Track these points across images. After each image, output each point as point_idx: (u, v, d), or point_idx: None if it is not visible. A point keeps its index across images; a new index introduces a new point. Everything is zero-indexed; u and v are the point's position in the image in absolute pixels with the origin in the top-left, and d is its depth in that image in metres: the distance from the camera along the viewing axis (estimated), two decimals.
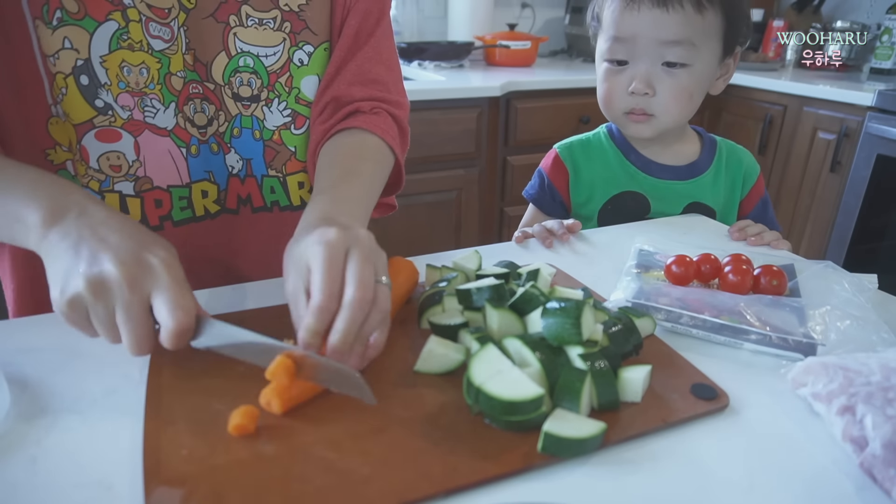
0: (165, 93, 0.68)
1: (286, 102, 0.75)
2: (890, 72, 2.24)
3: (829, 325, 0.57)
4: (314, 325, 0.46)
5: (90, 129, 0.66)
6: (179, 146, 0.71)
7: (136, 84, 0.66)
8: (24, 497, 0.39)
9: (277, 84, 0.74)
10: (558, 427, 0.42)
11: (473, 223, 2.11)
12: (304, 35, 0.74)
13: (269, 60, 0.73)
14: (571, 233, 0.84)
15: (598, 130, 1.03)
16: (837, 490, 0.42)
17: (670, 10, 0.83)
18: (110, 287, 0.46)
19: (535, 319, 0.52)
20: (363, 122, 0.74)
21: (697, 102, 0.91)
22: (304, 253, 0.50)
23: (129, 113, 0.67)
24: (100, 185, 0.69)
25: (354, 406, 0.47)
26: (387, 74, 0.79)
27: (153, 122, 0.68)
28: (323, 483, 0.39)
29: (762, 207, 1.02)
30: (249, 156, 0.76)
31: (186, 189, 0.73)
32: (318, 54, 0.75)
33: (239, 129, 0.74)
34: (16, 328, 0.58)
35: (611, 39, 0.88)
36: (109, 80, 0.65)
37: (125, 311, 0.46)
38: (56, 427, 0.45)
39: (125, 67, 0.65)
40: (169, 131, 0.70)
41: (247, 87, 0.72)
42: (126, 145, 0.68)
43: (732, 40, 0.89)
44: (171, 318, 0.45)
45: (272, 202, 0.79)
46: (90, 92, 0.64)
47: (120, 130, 0.67)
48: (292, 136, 0.77)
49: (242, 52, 0.71)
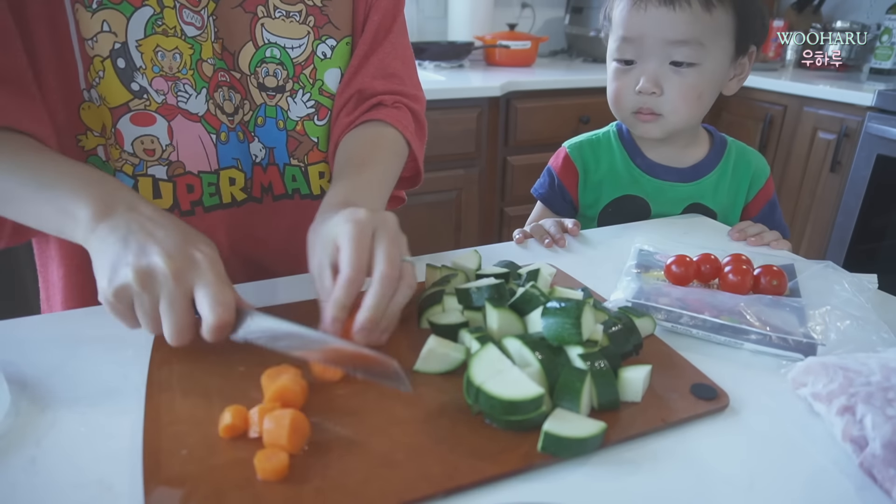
0: (197, 78, 0.69)
1: (310, 94, 0.77)
2: (890, 72, 2.24)
3: (829, 325, 0.57)
4: (342, 298, 0.49)
5: (126, 113, 0.67)
6: (210, 132, 0.72)
7: (170, 69, 0.67)
8: (24, 497, 0.39)
9: (302, 76, 0.75)
10: (558, 427, 0.42)
11: (473, 223, 2.12)
12: (327, 29, 0.76)
13: (294, 52, 0.74)
14: (572, 235, 0.84)
15: (607, 129, 1.02)
16: (837, 490, 0.42)
17: (677, 8, 0.82)
18: (157, 278, 0.48)
19: (535, 319, 0.52)
20: (384, 115, 0.77)
21: (708, 103, 0.90)
22: (332, 231, 0.52)
23: (163, 97, 0.68)
24: (133, 170, 0.69)
25: (354, 406, 0.47)
26: (403, 69, 0.82)
27: (185, 107, 0.69)
28: (323, 483, 0.39)
29: (769, 210, 1.01)
30: (272, 144, 0.77)
31: (215, 175, 0.74)
32: (340, 48, 0.77)
33: (263, 118, 0.75)
34: (16, 328, 0.58)
35: (619, 39, 0.88)
36: (144, 64, 0.66)
37: (169, 303, 0.48)
38: (56, 427, 0.45)
39: (159, 52, 0.66)
40: (200, 117, 0.71)
41: (272, 77, 0.74)
42: (160, 129, 0.69)
43: (746, 39, 0.88)
44: (213, 314, 0.47)
45: (293, 190, 0.80)
46: (126, 75, 0.66)
47: (154, 114, 0.68)
48: (315, 126, 0.78)
49: (269, 44, 0.72)
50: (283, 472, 0.40)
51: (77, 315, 0.62)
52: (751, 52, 0.90)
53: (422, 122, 0.84)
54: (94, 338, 0.57)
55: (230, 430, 0.43)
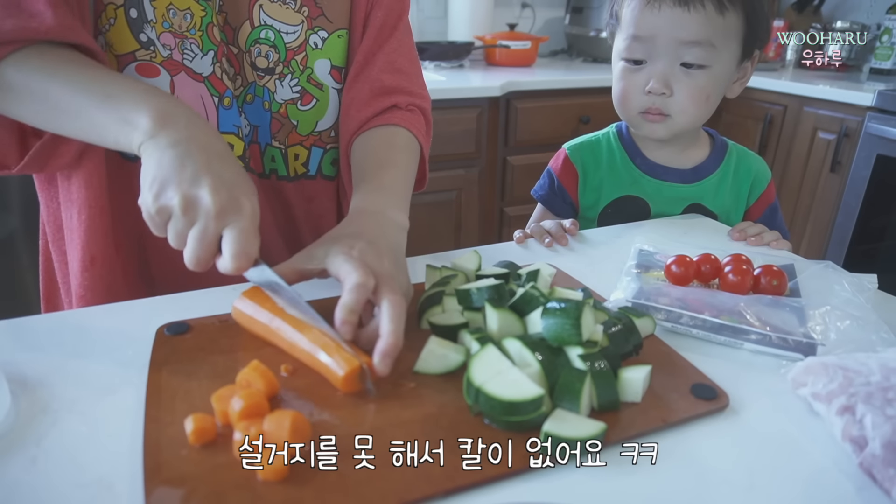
0: (205, 40, 0.70)
1: (298, 80, 0.78)
2: (890, 72, 2.24)
3: (829, 325, 0.57)
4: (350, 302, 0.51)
5: (132, 62, 0.68)
6: (213, 94, 0.73)
7: (179, 27, 0.68)
8: (24, 497, 0.39)
9: (293, 61, 0.77)
10: (558, 427, 0.42)
11: (473, 223, 2.12)
12: (320, 21, 0.77)
13: (288, 38, 0.76)
14: (570, 235, 0.84)
15: (606, 131, 1.02)
16: (837, 490, 0.42)
17: (691, 9, 0.82)
18: (199, 210, 0.51)
19: (534, 320, 0.52)
20: (400, 119, 0.79)
21: (714, 105, 0.90)
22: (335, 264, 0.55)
23: (168, 52, 0.69)
24: None
25: (354, 406, 0.47)
26: (410, 67, 0.84)
27: (190, 65, 0.70)
28: (323, 483, 0.39)
29: (770, 215, 1.01)
30: (257, 123, 0.78)
31: None
32: (331, 40, 0.79)
33: (252, 96, 0.77)
34: (16, 328, 0.58)
35: (629, 38, 0.87)
36: (155, 18, 0.67)
37: (200, 235, 0.50)
38: (56, 427, 0.45)
39: (171, 10, 0.68)
40: (204, 78, 0.71)
41: (263, 58, 0.75)
42: (163, 82, 0.70)
43: (751, 43, 0.88)
44: (233, 261, 0.50)
45: (270, 170, 0.82)
46: (136, 25, 0.67)
47: (158, 66, 0.69)
48: (297, 111, 0.80)
49: (265, 25, 0.74)
50: (284, 472, 0.40)
51: (77, 315, 0.63)
52: (754, 55, 0.90)
53: (430, 120, 0.86)
54: (95, 338, 0.57)
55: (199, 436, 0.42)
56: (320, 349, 0.50)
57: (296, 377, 0.50)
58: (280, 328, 0.53)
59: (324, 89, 0.80)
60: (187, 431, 0.42)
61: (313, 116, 0.81)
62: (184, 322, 0.58)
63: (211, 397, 0.45)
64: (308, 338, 0.51)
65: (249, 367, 0.47)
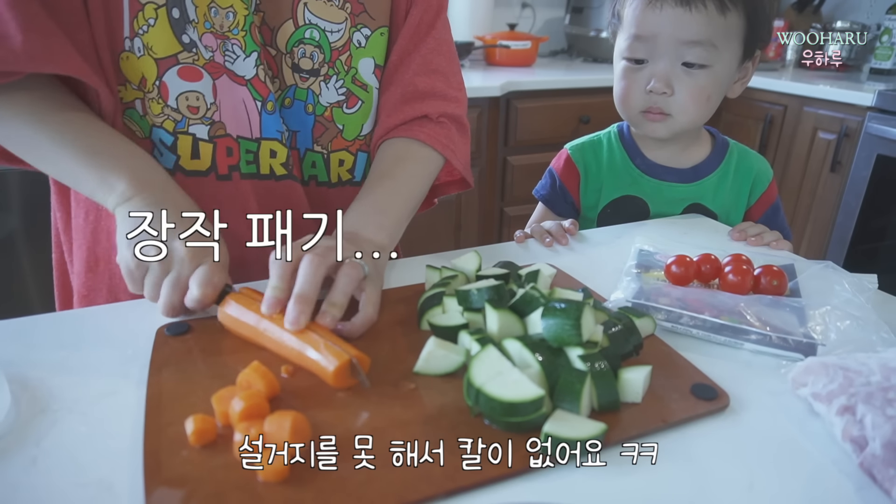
0: (248, 41, 0.68)
1: (343, 81, 0.76)
2: (890, 72, 2.24)
3: (829, 325, 0.57)
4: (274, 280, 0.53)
5: (174, 65, 0.66)
6: (255, 98, 0.70)
7: (221, 27, 0.66)
8: (24, 497, 0.39)
9: (338, 62, 0.75)
10: (558, 428, 0.42)
11: (473, 223, 2.11)
12: (362, 18, 0.75)
13: (333, 37, 0.73)
14: (570, 235, 0.84)
15: (608, 131, 1.02)
16: (837, 490, 0.42)
17: (693, 9, 0.82)
18: (174, 259, 0.56)
19: (535, 320, 0.52)
20: (426, 135, 0.77)
21: (715, 105, 0.90)
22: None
23: (211, 54, 0.67)
24: (174, 126, 0.68)
25: (354, 407, 0.47)
26: (447, 66, 0.81)
27: (232, 67, 0.68)
28: (323, 484, 0.39)
29: (772, 214, 1.01)
30: (297, 128, 0.76)
31: (255, 143, 0.72)
32: (374, 38, 0.76)
33: (291, 99, 0.74)
34: (16, 328, 0.58)
35: (631, 37, 0.88)
36: (197, 18, 0.65)
37: (175, 279, 0.55)
38: (56, 427, 0.45)
39: (213, 8, 0.65)
40: (247, 81, 0.69)
41: (308, 59, 0.73)
42: (205, 86, 0.68)
43: (752, 43, 0.88)
44: (199, 288, 0.54)
45: (310, 177, 0.79)
46: (179, 26, 0.65)
47: (201, 70, 0.67)
48: (343, 114, 0.77)
49: (310, 24, 0.72)
50: (284, 472, 0.40)
51: (77, 315, 0.63)
52: (755, 56, 0.90)
53: (465, 125, 0.84)
54: (95, 338, 0.57)
55: (199, 437, 0.42)
56: (308, 346, 0.50)
57: (296, 378, 0.50)
58: (267, 329, 0.53)
59: (368, 90, 0.78)
60: (188, 432, 0.42)
61: (359, 119, 0.78)
62: (184, 322, 0.58)
63: (212, 398, 0.45)
64: (296, 336, 0.51)
65: (250, 368, 0.47)
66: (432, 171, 0.79)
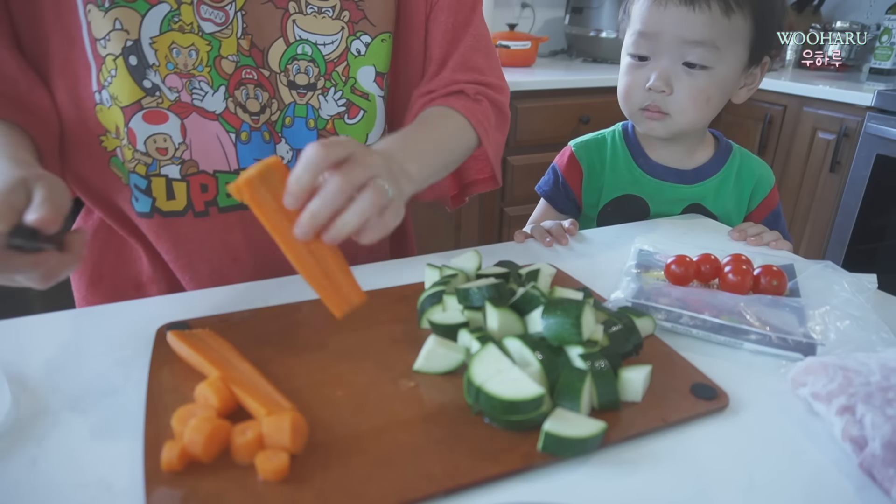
0: (214, 76, 0.68)
1: (342, 92, 0.75)
2: (889, 72, 2.24)
3: (829, 325, 0.57)
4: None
5: (138, 111, 0.67)
6: (229, 131, 0.71)
7: (185, 66, 0.67)
8: (24, 497, 0.39)
9: (335, 73, 0.74)
10: (558, 426, 0.42)
11: (473, 223, 2.11)
12: (362, 25, 0.74)
13: (326, 49, 0.73)
14: (570, 235, 0.84)
15: (612, 129, 1.02)
16: (837, 490, 0.42)
17: (696, 9, 0.82)
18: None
19: (535, 319, 0.52)
20: (461, 106, 0.74)
21: (716, 107, 0.90)
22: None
23: (176, 94, 0.67)
24: (146, 170, 0.69)
25: (354, 406, 0.47)
26: (486, 62, 0.80)
27: (201, 104, 0.68)
28: (323, 483, 0.39)
29: (773, 220, 1.00)
30: (301, 146, 0.75)
31: (235, 175, 0.73)
32: (375, 45, 0.75)
33: (291, 118, 0.74)
34: (16, 328, 0.58)
35: (636, 34, 0.88)
36: (158, 61, 0.66)
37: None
38: (56, 427, 0.45)
39: (174, 49, 0.66)
40: (218, 115, 0.70)
41: (304, 74, 0.72)
42: (172, 127, 0.68)
43: (761, 49, 0.87)
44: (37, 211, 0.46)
45: None
46: (138, 72, 0.65)
47: (167, 112, 0.68)
48: (346, 126, 0.77)
49: (301, 40, 0.71)
50: (284, 472, 0.40)
51: (77, 315, 0.63)
52: (764, 62, 0.90)
53: (505, 113, 0.82)
54: (95, 338, 0.57)
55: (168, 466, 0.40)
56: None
57: (296, 378, 0.50)
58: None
59: (370, 98, 0.77)
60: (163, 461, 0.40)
61: (363, 129, 0.78)
62: (184, 322, 0.58)
63: (172, 418, 0.42)
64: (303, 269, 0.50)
65: (206, 383, 0.45)
66: (468, 139, 0.75)
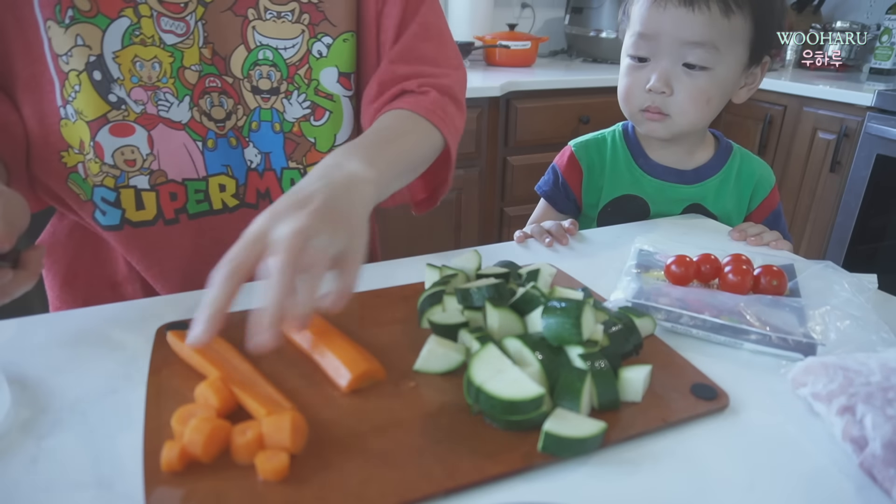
0: (179, 86, 0.69)
1: (305, 94, 0.76)
2: (889, 72, 2.24)
3: (829, 325, 0.57)
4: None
5: (104, 125, 0.67)
6: (195, 140, 0.72)
7: (149, 78, 0.67)
8: (25, 497, 0.39)
9: (297, 76, 0.74)
10: (558, 426, 0.42)
11: (473, 223, 2.11)
12: (323, 26, 0.74)
13: (287, 53, 0.73)
14: (570, 235, 0.84)
15: (613, 129, 1.02)
16: (837, 490, 0.42)
17: (696, 10, 0.82)
18: None
19: (535, 319, 0.52)
20: (409, 103, 0.71)
21: (716, 108, 0.90)
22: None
23: (142, 107, 0.68)
24: (115, 182, 0.70)
25: (354, 406, 0.47)
26: (436, 50, 0.78)
27: (167, 115, 0.69)
28: (323, 483, 0.39)
29: (773, 221, 1.00)
30: (268, 149, 0.76)
31: (203, 182, 0.74)
32: (336, 45, 0.75)
33: (258, 122, 0.74)
34: (16, 328, 0.58)
35: (635, 35, 0.88)
36: (122, 75, 0.66)
37: None
38: (56, 427, 0.45)
39: (137, 62, 0.66)
40: (184, 125, 0.70)
41: (266, 79, 0.73)
42: (140, 139, 0.69)
43: (761, 49, 0.87)
44: None
45: None
46: (103, 87, 0.66)
47: (133, 124, 0.68)
48: (312, 127, 0.77)
49: (261, 46, 0.72)
50: (284, 472, 0.40)
51: (77, 315, 0.62)
52: (764, 62, 0.90)
53: (457, 99, 0.78)
54: (95, 338, 0.57)
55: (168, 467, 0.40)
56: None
57: (296, 378, 0.50)
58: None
59: (335, 99, 0.77)
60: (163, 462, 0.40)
61: (330, 130, 0.78)
62: (184, 322, 0.57)
63: (171, 418, 0.42)
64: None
65: (206, 383, 0.45)
66: (426, 134, 0.71)
